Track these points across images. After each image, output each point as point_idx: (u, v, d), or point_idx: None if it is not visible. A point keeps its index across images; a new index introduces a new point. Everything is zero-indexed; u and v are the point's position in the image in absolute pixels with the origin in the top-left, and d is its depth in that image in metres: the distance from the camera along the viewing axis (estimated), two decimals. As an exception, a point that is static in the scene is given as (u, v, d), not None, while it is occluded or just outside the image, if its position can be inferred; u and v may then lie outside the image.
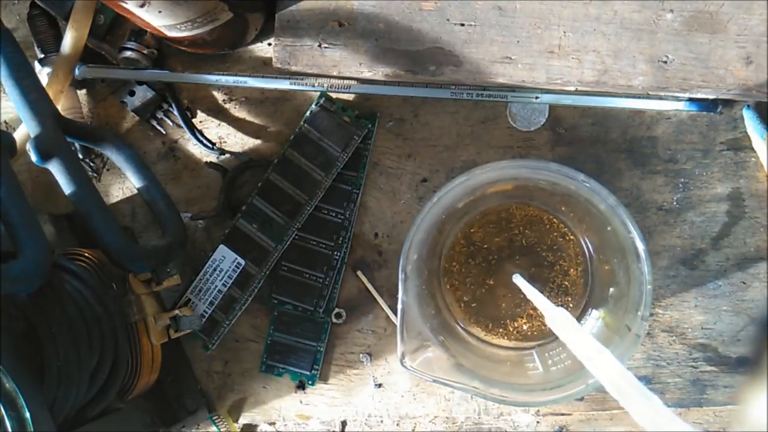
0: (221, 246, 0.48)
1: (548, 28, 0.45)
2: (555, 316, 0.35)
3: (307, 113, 0.48)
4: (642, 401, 0.26)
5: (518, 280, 0.43)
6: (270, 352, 0.49)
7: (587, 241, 0.46)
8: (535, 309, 0.47)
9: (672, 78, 0.44)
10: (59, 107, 0.45)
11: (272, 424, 0.50)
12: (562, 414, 0.48)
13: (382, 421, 0.49)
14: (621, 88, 0.45)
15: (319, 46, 0.47)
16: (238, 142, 0.51)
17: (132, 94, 0.50)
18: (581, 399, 0.48)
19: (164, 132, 0.51)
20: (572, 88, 0.46)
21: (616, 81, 0.45)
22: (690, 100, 0.46)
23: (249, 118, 0.51)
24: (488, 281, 0.47)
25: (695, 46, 0.44)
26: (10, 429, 0.32)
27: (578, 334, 0.33)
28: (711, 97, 0.45)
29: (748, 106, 0.46)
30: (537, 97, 0.47)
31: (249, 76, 0.49)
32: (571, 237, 0.47)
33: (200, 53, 0.49)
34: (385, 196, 0.49)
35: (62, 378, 0.36)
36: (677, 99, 0.46)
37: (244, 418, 0.50)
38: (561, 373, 0.42)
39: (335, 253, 0.49)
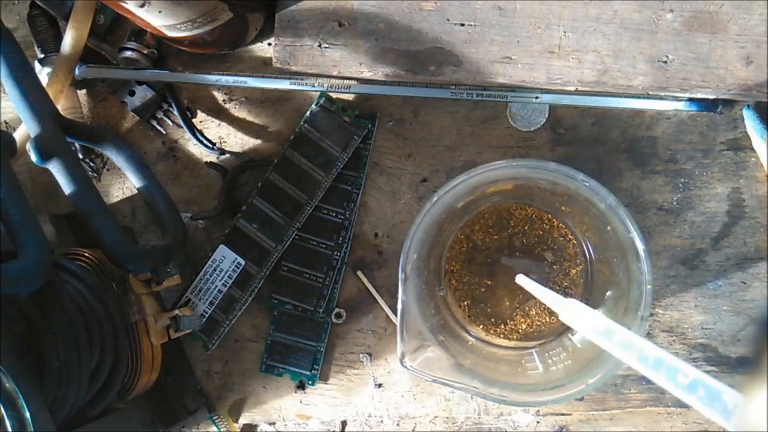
0: (221, 246, 0.48)
1: (548, 28, 0.45)
2: (568, 308, 0.35)
3: (307, 113, 0.48)
4: (681, 378, 0.25)
5: (521, 279, 0.41)
6: (270, 352, 0.49)
7: (587, 241, 0.46)
8: (534, 309, 0.47)
9: (672, 78, 0.44)
10: (59, 107, 0.45)
11: (272, 424, 0.50)
12: (562, 414, 0.48)
13: (382, 421, 0.49)
14: (621, 88, 0.45)
15: (319, 46, 0.47)
16: (238, 142, 0.51)
17: (132, 94, 0.50)
18: (581, 399, 0.48)
19: (164, 132, 0.51)
20: (572, 88, 0.46)
21: (616, 81, 0.45)
22: (690, 100, 0.46)
23: (249, 118, 0.51)
24: (488, 281, 0.47)
25: (695, 46, 0.44)
26: (10, 429, 0.32)
27: (597, 320, 0.32)
28: (711, 97, 0.45)
29: (748, 106, 0.46)
30: (537, 97, 0.47)
31: (249, 76, 0.49)
32: (571, 237, 0.47)
33: (200, 53, 0.50)
34: (385, 196, 0.49)
35: (62, 378, 0.36)
36: (677, 99, 0.46)
37: (244, 418, 0.50)
38: (561, 373, 0.42)
39: (335, 253, 0.49)
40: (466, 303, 0.47)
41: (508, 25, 0.45)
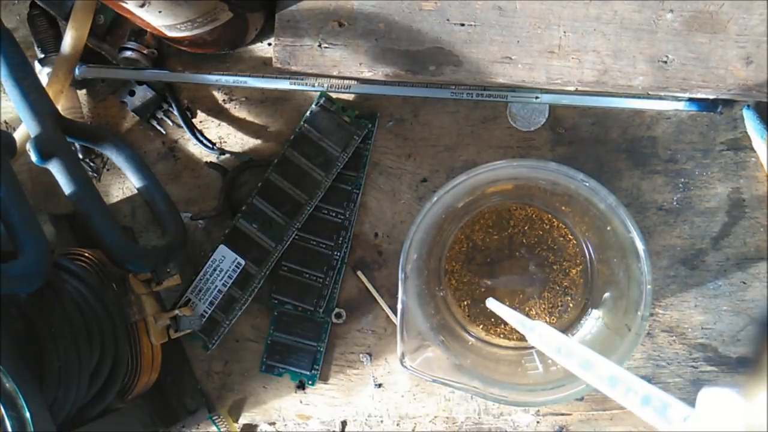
0: (221, 246, 0.48)
1: (548, 28, 0.45)
2: (535, 330, 0.35)
3: (307, 113, 0.48)
4: (645, 404, 0.26)
5: (492, 303, 0.41)
6: (270, 352, 0.49)
7: (587, 241, 0.46)
8: (535, 309, 0.47)
9: (672, 78, 0.44)
10: (59, 107, 0.45)
11: (272, 424, 0.50)
12: (562, 414, 0.48)
13: (382, 421, 0.49)
14: (621, 88, 0.45)
15: (319, 46, 0.47)
16: (238, 142, 0.51)
17: (132, 94, 0.50)
18: (581, 399, 0.48)
19: (164, 132, 0.51)
20: (572, 88, 0.46)
21: (616, 81, 0.45)
22: (690, 100, 0.46)
23: (249, 118, 0.51)
24: (488, 281, 0.47)
25: (695, 46, 0.44)
26: (10, 429, 0.32)
27: (565, 342, 0.33)
28: (711, 97, 0.45)
29: (748, 106, 0.46)
30: (537, 97, 0.47)
31: (249, 76, 0.49)
32: (571, 237, 0.47)
33: (200, 53, 0.50)
34: (385, 196, 0.49)
35: (62, 378, 0.36)
36: (677, 99, 0.46)
37: (244, 418, 0.50)
38: (561, 373, 0.42)
39: (335, 253, 0.49)
40: (466, 303, 0.47)
41: (508, 25, 0.45)
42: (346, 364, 0.50)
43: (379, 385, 0.49)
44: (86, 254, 0.43)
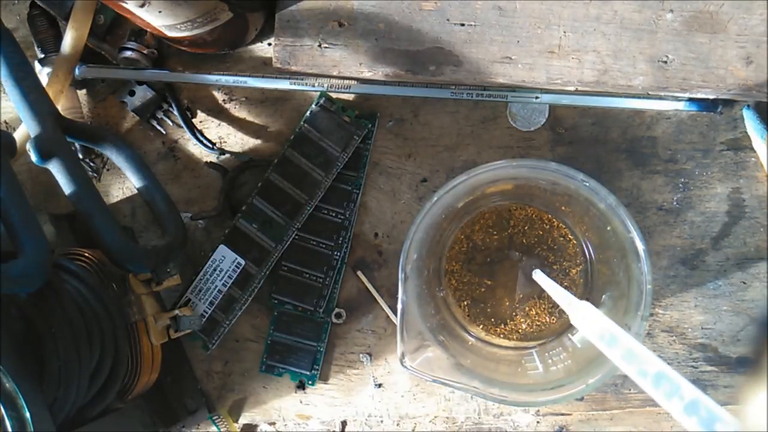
0: (221, 246, 0.48)
1: (548, 28, 0.45)
2: (580, 311, 0.34)
3: (307, 113, 0.48)
4: (686, 400, 0.24)
5: (538, 276, 0.41)
6: (270, 352, 0.49)
7: (587, 241, 0.46)
8: (534, 309, 0.47)
9: (672, 78, 0.44)
10: (59, 107, 0.45)
11: (272, 424, 0.50)
12: (562, 414, 0.48)
13: (382, 421, 0.49)
14: (621, 88, 0.45)
15: (319, 46, 0.47)
16: (238, 142, 0.51)
17: (132, 94, 0.50)
18: (581, 399, 0.48)
19: (164, 132, 0.51)
20: (572, 88, 0.46)
21: (616, 81, 0.45)
22: (690, 100, 0.46)
23: (249, 118, 0.51)
24: (488, 281, 0.47)
25: (695, 46, 0.44)
26: (10, 429, 0.32)
27: (610, 328, 0.30)
28: (711, 97, 0.45)
29: (748, 106, 0.46)
30: (537, 97, 0.47)
31: (249, 76, 0.49)
32: (571, 237, 0.47)
33: (200, 53, 0.50)
34: (385, 196, 0.49)
35: (62, 378, 0.36)
36: (677, 99, 0.46)
37: (244, 418, 0.50)
38: (561, 373, 0.42)
39: (335, 253, 0.49)
40: (466, 303, 0.47)
41: (508, 25, 0.45)
42: (346, 364, 0.50)
43: (379, 385, 0.49)
44: (86, 254, 0.43)
